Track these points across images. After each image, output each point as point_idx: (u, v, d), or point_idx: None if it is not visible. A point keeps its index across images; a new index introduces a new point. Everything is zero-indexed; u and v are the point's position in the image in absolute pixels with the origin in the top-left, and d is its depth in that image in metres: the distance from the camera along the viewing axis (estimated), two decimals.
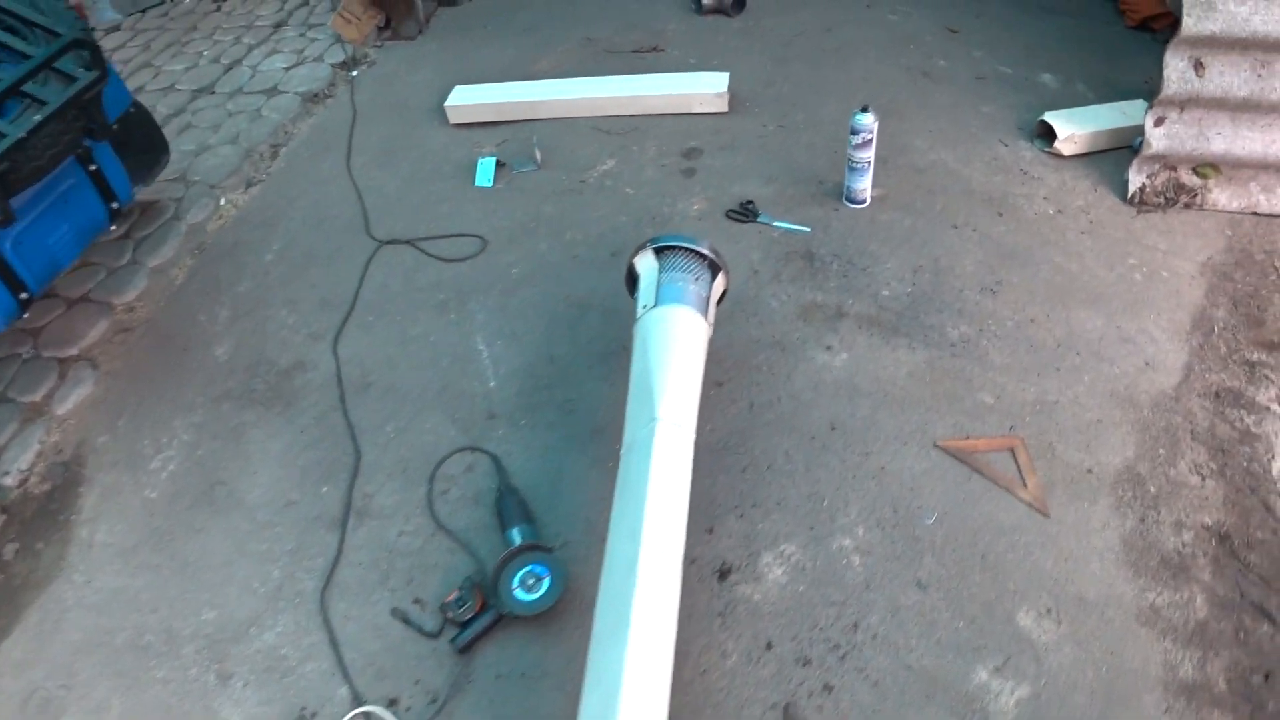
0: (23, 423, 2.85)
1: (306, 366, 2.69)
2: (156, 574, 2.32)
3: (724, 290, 2.25)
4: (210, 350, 2.84)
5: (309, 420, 2.54)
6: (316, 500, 2.35)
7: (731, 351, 2.39)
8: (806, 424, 2.20)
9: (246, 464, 2.49)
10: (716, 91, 3.09)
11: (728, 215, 2.77)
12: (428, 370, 2.55)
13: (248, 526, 2.35)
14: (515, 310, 2.65)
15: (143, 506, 2.49)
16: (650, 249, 2.16)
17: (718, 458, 2.17)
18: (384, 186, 3.25)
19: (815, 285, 2.52)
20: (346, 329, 2.75)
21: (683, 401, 1.88)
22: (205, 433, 2.61)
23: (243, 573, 2.25)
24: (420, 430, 2.42)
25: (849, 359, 2.32)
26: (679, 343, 1.96)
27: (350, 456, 2.41)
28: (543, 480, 2.23)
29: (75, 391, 2.88)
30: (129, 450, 2.65)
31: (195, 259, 3.23)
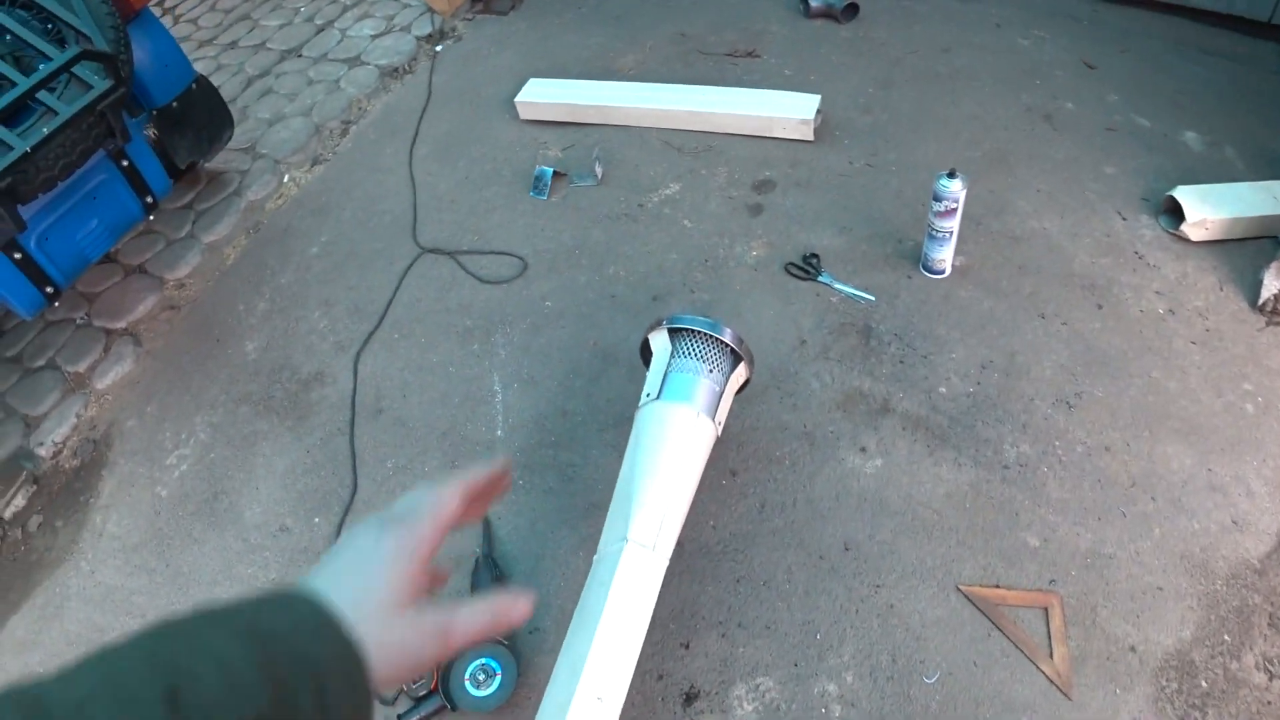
0: (65, 393, 2.99)
1: (325, 379, 2.69)
2: (151, 579, 2.40)
3: (746, 380, 2.09)
4: (242, 344, 2.89)
5: (316, 440, 2.55)
6: (308, 531, 2.36)
7: (755, 436, 2.24)
8: (818, 539, 2.03)
9: (250, 477, 2.53)
10: (802, 118, 2.86)
11: (787, 269, 2.58)
12: (438, 406, 2.51)
13: (239, 546, 2.39)
14: (538, 351, 2.56)
15: (152, 503, 2.57)
16: (665, 327, 2.02)
17: (713, 561, 2.04)
18: (439, 184, 3.20)
19: (866, 369, 2.32)
20: (371, 344, 2.73)
21: (660, 522, 1.76)
22: (221, 435, 2.66)
23: (227, 594, 2.29)
24: (418, 472, 2.39)
25: (883, 467, 2.13)
26: (673, 450, 1.83)
27: (347, 489, 2.40)
28: (526, 554, 2.16)
29: (116, 367, 2.99)
30: (151, 440, 2.74)
31: (249, 238, 3.28)
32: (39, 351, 3.15)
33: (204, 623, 0.48)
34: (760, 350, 2.39)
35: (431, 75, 3.71)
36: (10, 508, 2.74)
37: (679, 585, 2.03)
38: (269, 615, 0.51)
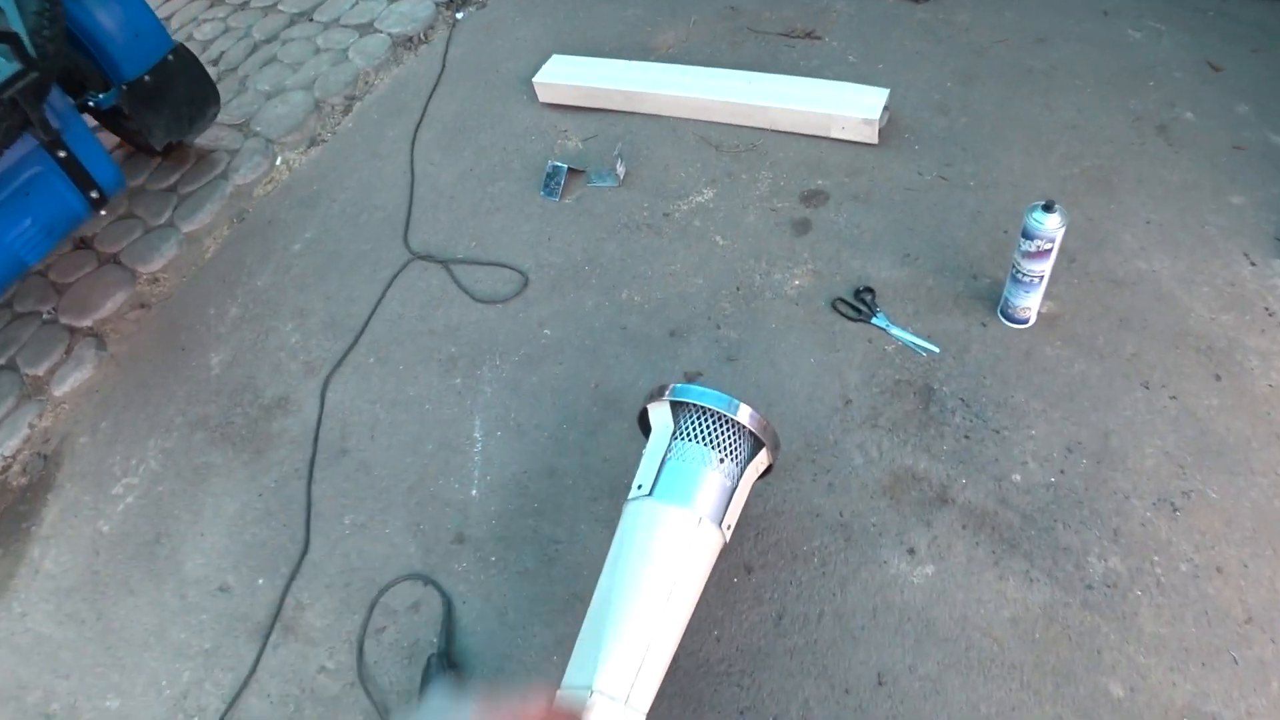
0: (20, 399, 2.75)
1: (289, 408, 2.38)
2: (80, 631, 2.15)
3: (768, 467, 1.72)
4: (207, 356, 2.60)
5: (271, 482, 2.25)
6: (249, 593, 2.07)
7: (779, 523, 1.87)
8: (846, 667, 1.66)
9: (196, 520, 2.24)
10: (865, 118, 2.44)
11: (835, 305, 2.18)
12: (408, 453, 2.18)
13: (176, 605, 2.11)
14: (529, 392, 2.21)
15: (92, 540, 2.31)
16: (667, 400, 1.65)
17: (713, 684, 1.69)
18: (441, 176, 2.85)
19: (922, 443, 1.92)
20: (343, 367, 2.42)
21: (637, 668, 1.39)
22: (172, 464, 2.39)
23: (156, 663, 2.04)
24: (378, 534, 2.07)
25: (934, 576, 1.74)
26: (663, 569, 1.47)
27: (298, 546, 2.10)
28: (491, 651, 1.83)
29: (76, 373, 2.74)
30: (101, 463, 2.48)
31: (231, 229, 2.99)
32: (2, 348, 2.92)
33: None
34: (794, 409, 2.01)
35: (448, 46, 3.34)
36: None
37: (668, 711, 1.68)
38: None
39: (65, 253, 3.14)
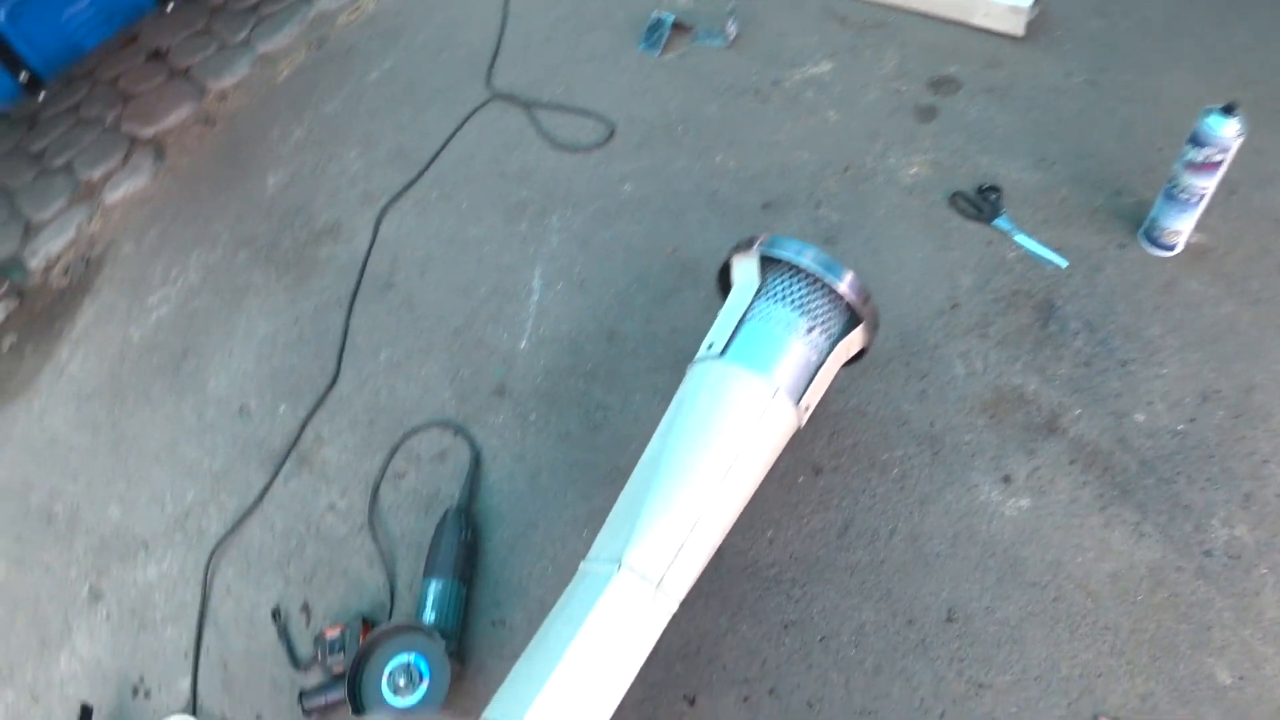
0: (71, 201, 2.58)
1: (340, 234, 2.15)
2: (94, 437, 2.00)
3: (861, 350, 1.44)
4: (264, 177, 2.38)
5: (310, 309, 2.03)
6: (269, 418, 1.87)
7: (858, 424, 1.59)
8: (913, 595, 1.40)
9: (227, 339, 2.05)
10: (1013, 4, 2.08)
11: (954, 200, 1.86)
12: (459, 295, 1.94)
13: (193, 422, 1.93)
14: (600, 247, 1.95)
15: (120, 347, 2.14)
16: (758, 253, 1.37)
17: (759, 590, 1.44)
18: (534, 20, 2.55)
19: (1035, 363, 1.62)
20: (402, 200, 2.17)
21: (676, 550, 1.14)
22: (211, 280, 2.19)
23: (163, 478, 1.87)
24: (413, 374, 1.84)
25: (1029, 511, 1.45)
26: (726, 441, 1.21)
27: (326, 377, 1.89)
28: (516, 514, 1.60)
29: (130, 181, 2.55)
30: (141, 272, 2.30)
31: (308, 54, 2.74)
32: (61, 149, 2.73)
33: None
34: (893, 305, 1.72)
35: None
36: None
37: (703, 610, 1.44)
38: None
39: (138, 63, 2.93)
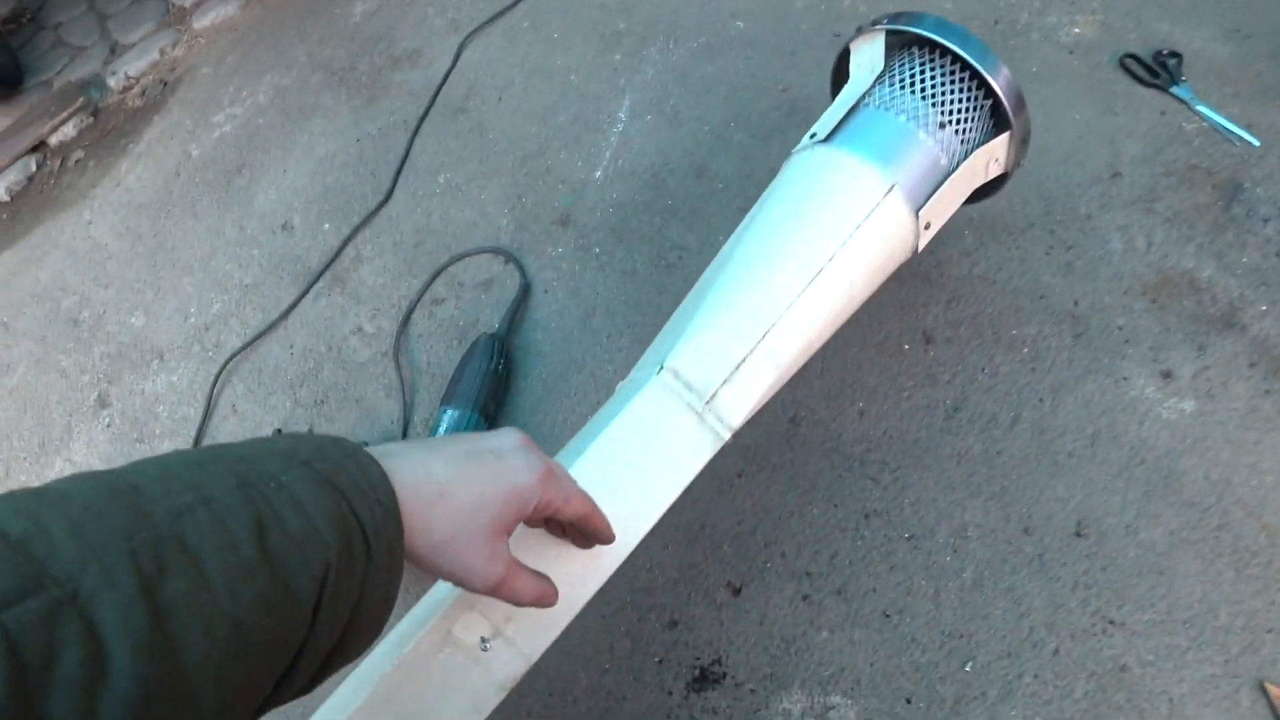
0: (159, 25, 2.41)
1: (420, 60, 1.90)
2: (134, 246, 1.82)
3: (1002, 175, 1.09)
4: (352, 5, 2.14)
5: (374, 130, 1.78)
6: (310, 236, 1.64)
7: (982, 291, 1.24)
8: (1033, 498, 1.06)
9: (284, 156, 1.83)
10: None
11: (1124, 63, 1.48)
12: (534, 122, 1.66)
13: (233, 235, 1.72)
14: (699, 81, 1.63)
15: (178, 162, 1.95)
16: (883, 30, 1.04)
17: (838, 468, 1.13)
18: None
19: (1213, 247, 1.24)
20: (490, 28, 1.89)
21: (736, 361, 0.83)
22: (280, 100, 1.97)
23: (191, 289, 1.68)
24: (471, 198, 1.57)
25: (1193, 416, 1.09)
26: (818, 235, 0.88)
27: (379, 197, 1.64)
28: (558, 353, 1.32)
29: (221, 9, 2.36)
30: (213, 92, 2.11)
31: None
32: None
33: (290, 460, 0.48)
34: (1040, 167, 1.36)
35: None
36: (58, 134, 2.21)
37: (765, 483, 1.14)
38: (349, 471, 0.50)
39: None
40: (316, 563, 0.46)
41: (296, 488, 0.47)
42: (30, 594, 0.35)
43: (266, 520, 0.44)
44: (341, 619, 0.49)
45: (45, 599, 0.36)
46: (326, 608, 0.47)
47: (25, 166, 2.14)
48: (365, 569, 0.49)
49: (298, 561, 0.45)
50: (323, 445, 0.52)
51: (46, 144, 2.20)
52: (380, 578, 0.51)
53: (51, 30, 2.53)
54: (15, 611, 0.35)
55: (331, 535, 0.47)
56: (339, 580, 0.47)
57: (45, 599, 0.36)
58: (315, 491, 0.47)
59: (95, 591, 0.37)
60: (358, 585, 0.49)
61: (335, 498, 0.48)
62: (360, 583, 0.49)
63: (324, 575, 0.46)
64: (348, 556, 0.48)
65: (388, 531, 0.51)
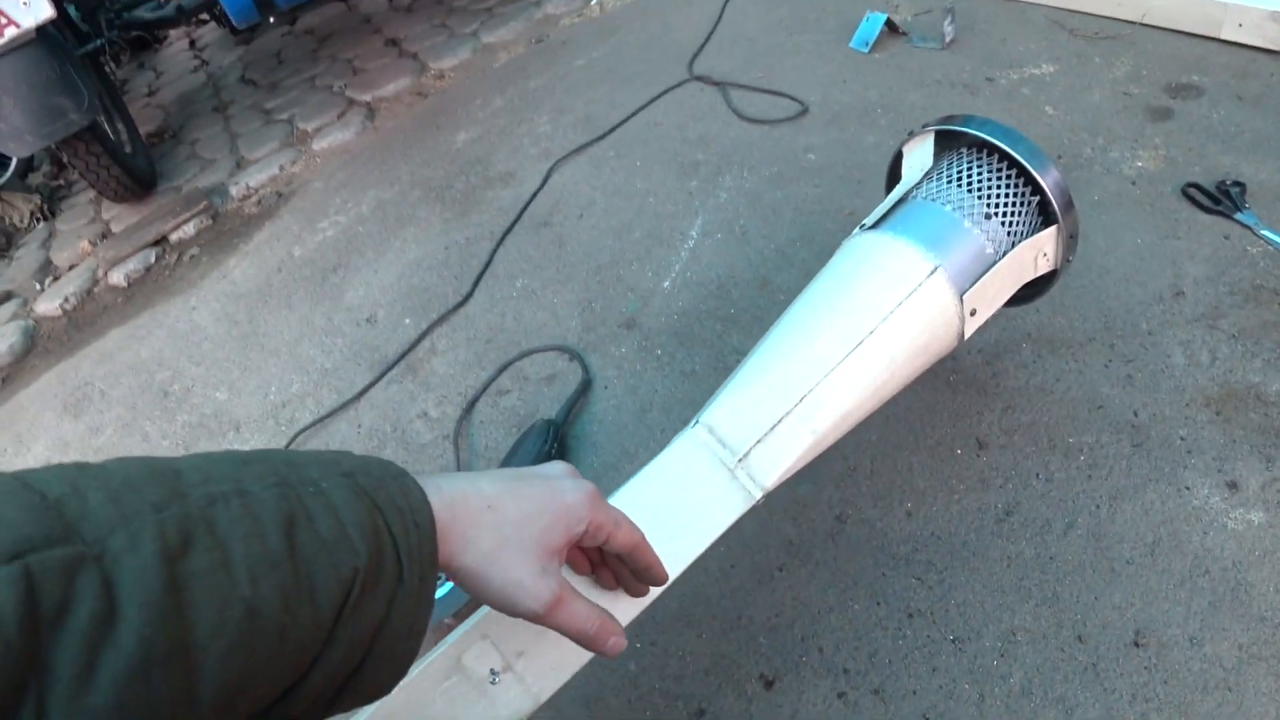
0: (283, 144, 2.62)
1: (512, 181, 2.02)
2: (230, 330, 1.94)
3: (1052, 272, 1.09)
4: (456, 134, 2.31)
5: (462, 239, 1.89)
6: (392, 329, 1.72)
7: (1039, 401, 1.22)
8: (1088, 605, 1.01)
9: (379, 257, 1.94)
10: (1273, 10, 1.71)
11: (1186, 191, 1.49)
12: (610, 236, 1.74)
13: (321, 324, 1.81)
14: (769, 205, 1.69)
15: (281, 260, 2.09)
16: (932, 130, 1.08)
17: (884, 566, 1.09)
18: (747, 23, 2.40)
19: (1278, 364, 1.22)
20: (579, 155, 2.03)
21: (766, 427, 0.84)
22: (379, 212, 2.11)
23: (275, 369, 1.76)
24: (544, 301, 1.64)
25: (1263, 528, 1.03)
26: (854, 311, 0.90)
27: (459, 297, 1.72)
28: (612, 446, 1.34)
29: (339, 133, 2.56)
30: (321, 202, 2.27)
31: (527, 48, 2.71)
32: (289, 106, 2.81)
33: (332, 470, 0.49)
34: (1100, 285, 1.36)
35: None
36: (179, 232, 2.38)
37: (806, 578, 1.11)
38: (389, 488, 0.50)
39: (376, 47, 3.01)
40: (344, 568, 0.45)
41: (334, 494, 0.47)
42: (57, 544, 0.36)
43: (298, 518, 0.45)
44: (363, 639, 0.48)
45: (70, 551, 0.37)
46: (348, 620, 0.46)
47: (145, 258, 2.31)
48: (395, 588, 0.48)
49: (324, 563, 0.44)
50: (369, 463, 0.52)
51: (167, 240, 2.38)
52: (409, 603, 0.49)
53: (189, 144, 2.78)
54: (41, 556, 0.36)
55: (362, 544, 0.46)
56: (364, 592, 0.46)
57: (70, 551, 0.37)
58: (352, 500, 0.47)
59: (119, 554, 0.38)
60: (384, 605, 0.48)
61: (371, 510, 0.48)
62: (388, 603, 0.48)
63: (350, 582, 0.46)
64: (377, 570, 0.47)
65: (422, 555, 0.50)
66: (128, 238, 2.37)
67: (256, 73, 3.30)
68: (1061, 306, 1.36)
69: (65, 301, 2.29)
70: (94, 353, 2.07)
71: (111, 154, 2.35)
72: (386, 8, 3.43)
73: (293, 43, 3.48)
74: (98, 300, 2.30)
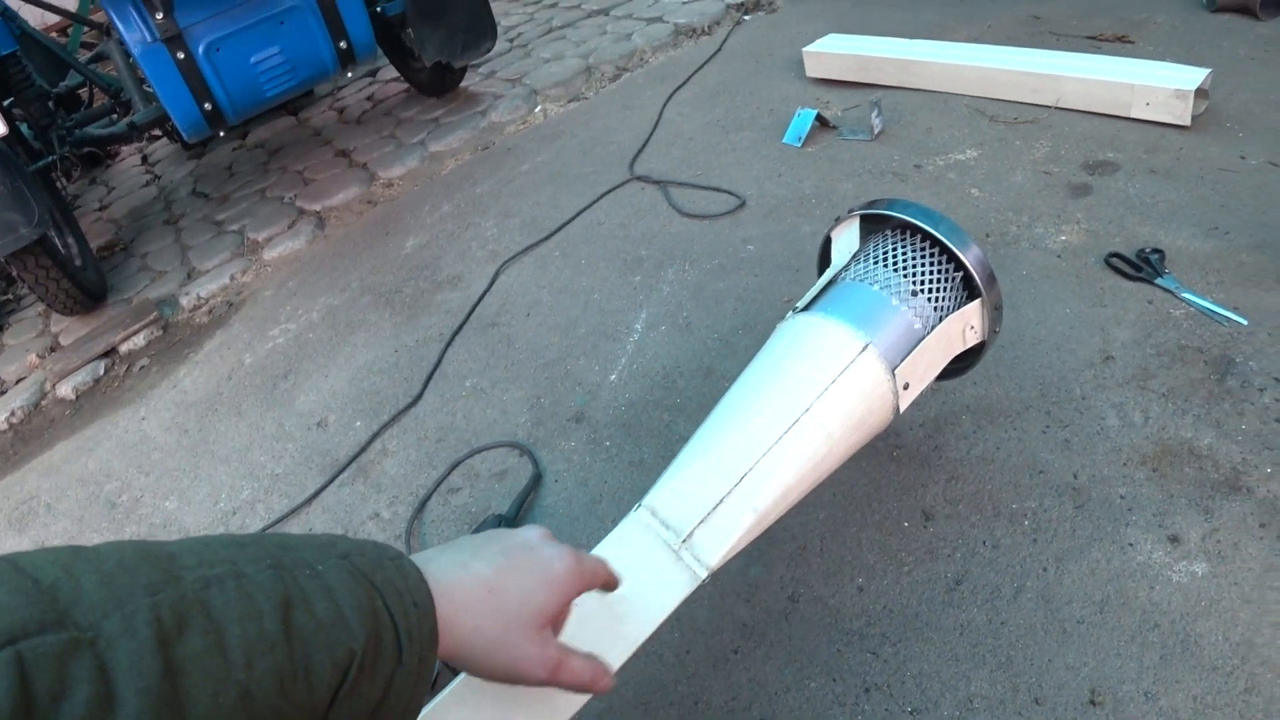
0: (234, 254, 2.64)
1: (460, 284, 2.05)
2: (179, 439, 1.92)
3: (980, 344, 1.13)
4: (405, 240, 2.35)
5: (412, 341, 1.90)
6: (343, 432, 1.71)
7: (982, 471, 1.25)
8: (1042, 667, 1.01)
9: (330, 362, 1.94)
10: (1176, 89, 1.82)
11: (1109, 261, 1.56)
12: (557, 334, 1.76)
13: (271, 430, 1.80)
14: (711, 296, 1.74)
15: (232, 368, 2.09)
16: (857, 216, 1.13)
17: (838, 643, 1.09)
18: (685, 124, 2.50)
19: (1210, 417, 1.26)
20: (525, 257, 2.07)
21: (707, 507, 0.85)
22: (330, 318, 2.12)
23: (225, 477, 1.74)
24: (494, 399, 1.65)
25: (1207, 579, 1.06)
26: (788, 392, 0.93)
27: (409, 399, 1.72)
28: (564, 538, 1.33)
29: (290, 243, 2.59)
30: (272, 310, 2.28)
31: (474, 155, 2.78)
32: (239, 218, 2.84)
33: (328, 552, 0.49)
34: (1033, 356, 1.41)
35: (728, 37, 3.05)
36: (129, 343, 2.38)
37: (762, 657, 1.10)
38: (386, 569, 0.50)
39: (326, 158, 3.06)
40: (340, 650, 0.45)
41: (330, 576, 0.47)
42: (50, 630, 0.36)
43: (294, 600, 0.44)
44: (359, 718, 0.47)
45: (64, 637, 0.36)
46: (344, 701, 0.45)
47: (94, 370, 2.29)
48: (394, 669, 0.48)
49: (320, 645, 0.44)
50: (364, 545, 0.52)
51: (117, 351, 2.37)
52: (408, 683, 0.49)
53: (140, 257, 2.79)
54: (33, 643, 0.35)
55: (360, 626, 0.46)
56: (362, 673, 0.46)
57: (64, 637, 0.36)
58: (349, 582, 0.47)
59: (114, 638, 0.37)
60: (383, 685, 0.47)
61: (369, 591, 0.47)
62: (387, 683, 0.48)
63: (347, 665, 0.45)
64: (376, 651, 0.46)
65: (422, 635, 0.50)
66: (76, 350, 2.35)
67: (208, 185, 3.34)
68: (998, 377, 1.41)
69: (11, 415, 2.25)
70: (40, 466, 2.03)
71: (61, 267, 2.35)
72: (336, 120, 3.51)
73: (244, 156, 3.53)
74: (45, 413, 2.26)
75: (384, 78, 3.77)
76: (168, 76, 2.11)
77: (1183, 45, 2.24)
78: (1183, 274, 1.51)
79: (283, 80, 2.30)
